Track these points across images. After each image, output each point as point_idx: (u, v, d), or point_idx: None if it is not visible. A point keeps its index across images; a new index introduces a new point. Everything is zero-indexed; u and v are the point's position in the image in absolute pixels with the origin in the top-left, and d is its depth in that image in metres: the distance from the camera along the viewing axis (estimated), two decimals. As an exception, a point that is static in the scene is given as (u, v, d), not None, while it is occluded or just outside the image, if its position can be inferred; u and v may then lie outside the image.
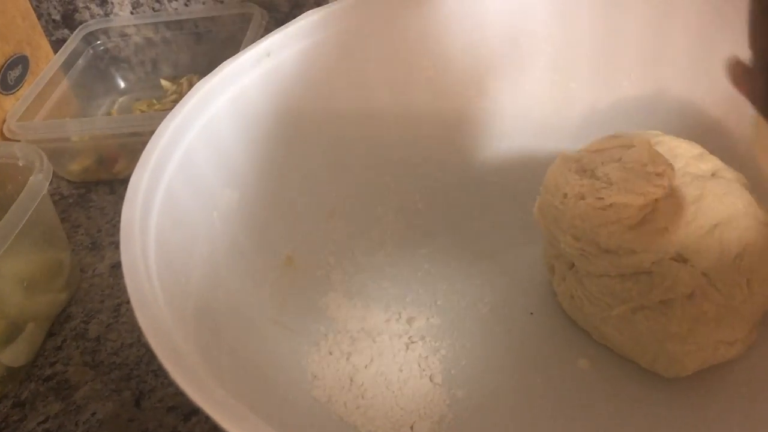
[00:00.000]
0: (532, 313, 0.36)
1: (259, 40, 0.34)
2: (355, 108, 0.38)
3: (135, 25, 0.60)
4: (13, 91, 0.53)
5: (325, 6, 0.36)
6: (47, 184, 0.39)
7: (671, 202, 0.28)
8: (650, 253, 0.28)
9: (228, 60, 0.33)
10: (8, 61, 0.52)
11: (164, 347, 0.19)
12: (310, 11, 0.36)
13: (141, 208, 0.25)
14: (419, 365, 0.34)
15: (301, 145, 0.37)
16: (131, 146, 0.50)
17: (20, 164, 0.41)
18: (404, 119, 0.39)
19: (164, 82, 0.61)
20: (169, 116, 0.30)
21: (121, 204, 0.52)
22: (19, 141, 0.48)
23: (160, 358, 0.19)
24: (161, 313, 0.21)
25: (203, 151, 0.31)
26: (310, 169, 0.37)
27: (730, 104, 0.34)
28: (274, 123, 0.35)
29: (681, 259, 0.29)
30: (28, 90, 0.53)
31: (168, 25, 0.60)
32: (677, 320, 0.28)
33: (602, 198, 0.29)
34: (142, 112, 0.58)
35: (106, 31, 0.60)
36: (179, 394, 0.37)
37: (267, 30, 0.56)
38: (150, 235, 0.25)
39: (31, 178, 0.39)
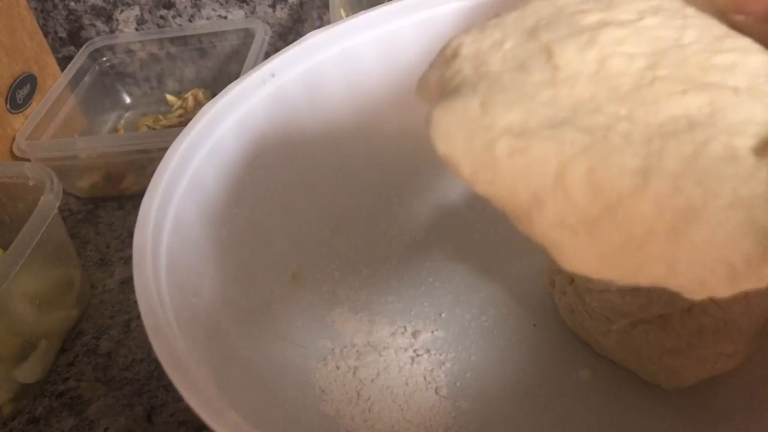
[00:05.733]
0: (535, 325, 0.36)
1: (263, 62, 0.35)
2: (359, 125, 0.39)
3: (140, 42, 0.61)
4: (22, 109, 0.54)
5: (328, 26, 0.37)
6: (57, 203, 0.40)
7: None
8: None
9: (233, 82, 0.34)
10: (17, 80, 0.53)
11: (179, 373, 0.20)
12: (313, 32, 0.36)
13: (152, 233, 0.26)
14: (425, 378, 0.34)
15: (306, 163, 0.37)
16: (138, 162, 0.50)
17: (30, 184, 0.42)
18: (407, 136, 0.40)
19: (169, 97, 0.62)
20: (177, 140, 0.30)
21: (129, 219, 0.53)
22: (28, 159, 0.49)
23: (176, 386, 0.19)
24: (174, 338, 0.22)
25: (211, 172, 0.31)
26: (314, 185, 0.38)
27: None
28: (279, 142, 0.36)
29: (679, 274, 0.29)
30: (36, 108, 0.53)
31: (172, 40, 0.61)
32: (676, 334, 0.29)
33: None
34: (149, 127, 0.58)
35: (111, 48, 0.61)
36: (190, 409, 0.38)
37: (270, 45, 0.57)
38: (161, 258, 0.26)
39: (42, 198, 0.39)
